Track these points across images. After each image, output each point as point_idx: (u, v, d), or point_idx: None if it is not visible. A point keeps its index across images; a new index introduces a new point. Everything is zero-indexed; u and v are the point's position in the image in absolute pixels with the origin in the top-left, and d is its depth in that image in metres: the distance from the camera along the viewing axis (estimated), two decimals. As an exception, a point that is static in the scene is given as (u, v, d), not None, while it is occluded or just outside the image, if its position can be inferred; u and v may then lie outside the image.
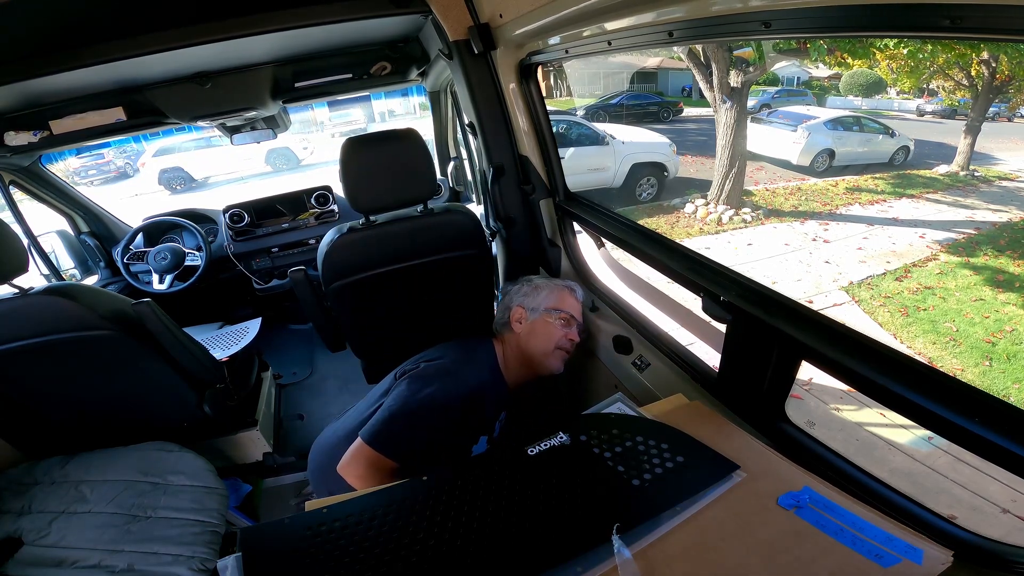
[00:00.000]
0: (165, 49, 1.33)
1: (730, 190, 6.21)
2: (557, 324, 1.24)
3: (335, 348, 1.67)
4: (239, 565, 0.63)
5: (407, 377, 1.13)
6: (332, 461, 1.16)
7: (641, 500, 0.70)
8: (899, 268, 4.81)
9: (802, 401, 3.04)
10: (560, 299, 1.28)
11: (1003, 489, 2.34)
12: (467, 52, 1.45)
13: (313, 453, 1.29)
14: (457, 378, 1.12)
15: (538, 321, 1.24)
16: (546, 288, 1.29)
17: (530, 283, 1.32)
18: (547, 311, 1.25)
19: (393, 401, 1.09)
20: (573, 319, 1.27)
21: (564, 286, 1.31)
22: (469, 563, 0.63)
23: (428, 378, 1.11)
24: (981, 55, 5.38)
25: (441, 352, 1.20)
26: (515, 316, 1.27)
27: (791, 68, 9.57)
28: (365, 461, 1.04)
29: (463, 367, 1.15)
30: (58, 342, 1.25)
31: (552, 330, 1.24)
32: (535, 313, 1.25)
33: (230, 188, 10.40)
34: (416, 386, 1.09)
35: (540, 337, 1.23)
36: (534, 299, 1.27)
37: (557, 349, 1.24)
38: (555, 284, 1.31)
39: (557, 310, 1.25)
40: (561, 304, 1.27)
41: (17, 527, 1.25)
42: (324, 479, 1.23)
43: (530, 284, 1.31)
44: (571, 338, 1.26)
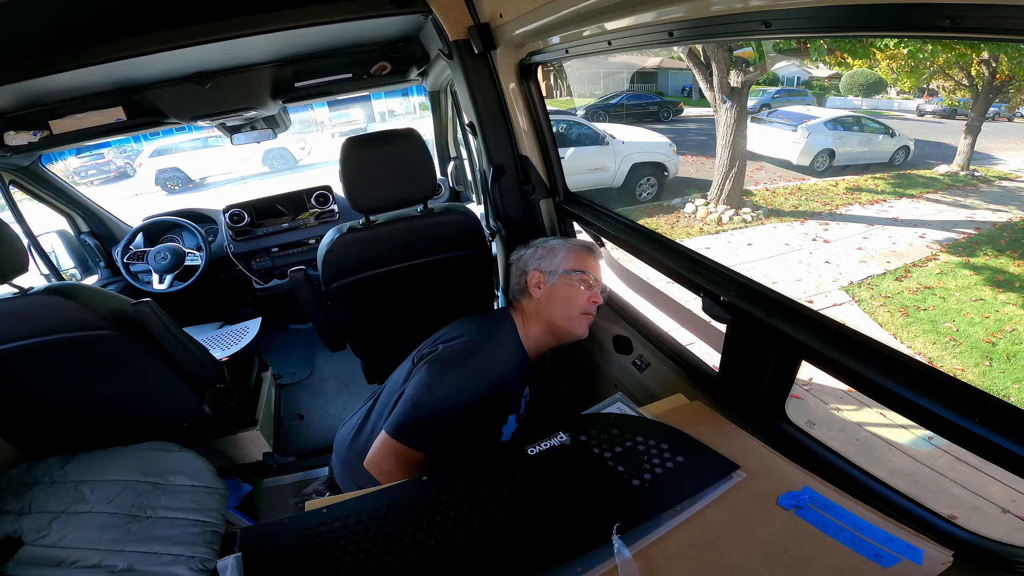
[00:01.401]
0: (165, 49, 1.33)
1: (730, 190, 6.21)
2: (579, 287, 1.14)
3: (335, 348, 1.67)
4: (239, 565, 0.63)
5: (426, 362, 1.07)
6: (357, 456, 1.13)
7: (641, 500, 0.70)
8: (899, 268, 4.81)
9: (802, 401, 3.04)
10: (579, 259, 1.17)
11: (1003, 489, 2.34)
12: (467, 52, 1.45)
13: (336, 450, 1.26)
14: (480, 360, 1.06)
15: (558, 285, 1.14)
16: (563, 249, 1.18)
17: (545, 245, 1.20)
18: (567, 273, 1.14)
19: (415, 389, 1.03)
20: (595, 280, 1.17)
21: (582, 245, 1.21)
22: (469, 563, 0.63)
23: (448, 362, 1.05)
24: (981, 55, 5.37)
25: (460, 330, 1.13)
26: (532, 281, 1.16)
27: (791, 68, 9.56)
28: (392, 455, 1.01)
29: (485, 346, 1.08)
30: (58, 342, 1.25)
31: (574, 294, 1.14)
32: (554, 276, 1.15)
33: (227, 188, 10.39)
34: (437, 371, 1.04)
35: (561, 302, 1.14)
36: (551, 261, 1.16)
37: (582, 315, 1.15)
38: (572, 243, 1.21)
39: (577, 271, 1.15)
40: (581, 264, 1.16)
41: (17, 527, 1.25)
42: (351, 475, 1.20)
43: (546, 246, 1.20)
44: (595, 300, 1.16)
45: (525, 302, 1.19)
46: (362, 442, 1.16)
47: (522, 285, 1.19)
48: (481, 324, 1.15)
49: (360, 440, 1.18)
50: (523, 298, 1.19)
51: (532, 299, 1.17)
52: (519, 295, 1.20)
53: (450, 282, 1.52)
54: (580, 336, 1.17)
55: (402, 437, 1.00)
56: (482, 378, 1.04)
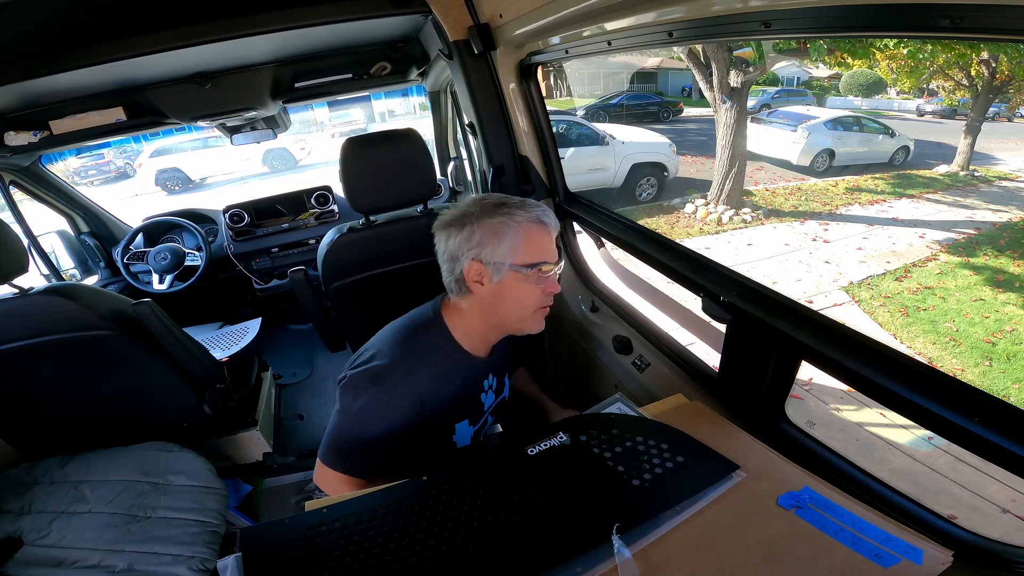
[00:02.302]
0: (165, 49, 1.33)
1: (730, 190, 6.21)
2: (532, 282, 0.91)
3: (335, 348, 1.67)
4: (239, 565, 0.63)
5: (339, 387, 0.94)
6: None
7: (641, 500, 0.70)
8: (899, 268, 4.82)
9: (802, 401, 3.04)
10: (530, 244, 0.90)
11: (1003, 489, 2.34)
12: (467, 52, 1.45)
13: None
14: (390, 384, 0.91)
15: (506, 281, 0.91)
16: (509, 232, 0.89)
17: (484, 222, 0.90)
18: (515, 268, 0.89)
19: (333, 417, 0.95)
20: (551, 268, 0.93)
21: (529, 220, 0.91)
22: (469, 563, 0.63)
23: (357, 389, 0.92)
24: (981, 55, 5.38)
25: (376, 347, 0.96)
26: (471, 275, 0.91)
27: (791, 68, 9.57)
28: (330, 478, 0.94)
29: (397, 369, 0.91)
30: (58, 342, 1.25)
31: (527, 291, 0.92)
32: (500, 271, 0.90)
33: (227, 189, 10.40)
34: (347, 399, 0.92)
35: (511, 301, 0.93)
36: (494, 250, 0.89)
37: (537, 311, 0.95)
38: (517, 219, 0.90)
39: (530, 265, 0.90)
40: (533, 252, 0.91)
41: (17, 527, 1.25)
42: None
43: (483, 225, 0.90)
44: (550, 291, 0.95)
45: (465, 299, 0.96)
46: None
47: (457, 276, 0.94)
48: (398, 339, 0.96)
49: None
50: (460, 292, 0.96)
51: (473, 295, 0.94)
52: (454, 287, 0.96)
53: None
54: (535, 332, 0.99)
55: (331, 463, 0.94)
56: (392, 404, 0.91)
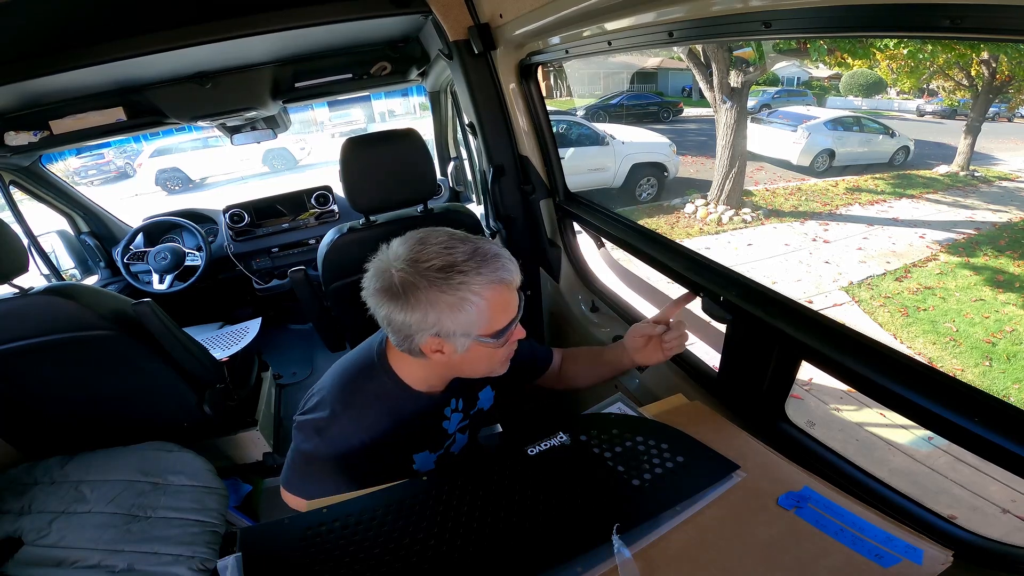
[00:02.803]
0: (165, 49, 1.33)
1: (730, 190, 6.21)
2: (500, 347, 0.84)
3: (335, 348, 1.67)
4: (239, 565, 0.63)
5: (294, 427, 0.92)
6: None
7: (641, 500, 0.70)
8: (899, 268, 4.82)
9: (802, 401, 3.04)
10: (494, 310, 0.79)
11: (1003, 489, 2.34)
12: (467, 52, 1.45)
13: None
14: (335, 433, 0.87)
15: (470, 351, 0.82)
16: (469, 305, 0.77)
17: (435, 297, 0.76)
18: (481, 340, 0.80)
19: (289, 451, 0.94)
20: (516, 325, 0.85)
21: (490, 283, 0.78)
22: (469, 563, 0.63)
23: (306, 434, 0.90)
24: (981, 55, 5.38)
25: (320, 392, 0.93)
26: (430, 347, 0.81)
27: (791, 68, 9.57)
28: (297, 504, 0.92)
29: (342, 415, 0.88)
30: (58, 342, 1.25)
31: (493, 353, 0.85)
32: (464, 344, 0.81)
33: (227, 188, 10.41)
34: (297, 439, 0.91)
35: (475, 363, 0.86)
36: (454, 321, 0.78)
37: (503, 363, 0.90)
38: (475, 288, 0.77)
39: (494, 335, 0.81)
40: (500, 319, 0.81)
41: (17, 527, 1.25)
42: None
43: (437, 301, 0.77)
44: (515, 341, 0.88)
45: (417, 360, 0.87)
46: None
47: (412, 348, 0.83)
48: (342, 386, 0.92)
49: None
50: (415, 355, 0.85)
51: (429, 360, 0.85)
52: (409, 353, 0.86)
53: None
54: (498, 374, 0.93)
55: (289, 488, 0.93)
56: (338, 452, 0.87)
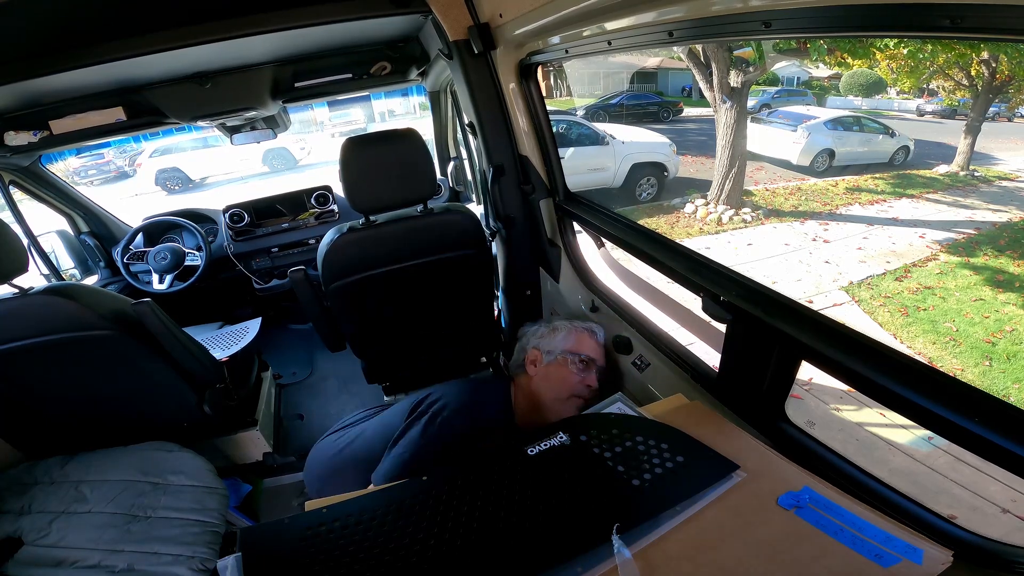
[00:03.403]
0: (165, 49, 1.33)
1: (730, 190, 6.21)
2: (574, 369, 1.15)
3: (335, 348, 1.67)
4: (239, 565, 0.63)
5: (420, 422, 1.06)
6: (331, 473, 1.19)
7: (641, 500, 0.70)
8: (899, 268, 4.81)
9: (802, 401, 3.04)
10: (579, 342, 1.19)
11: (1003, 489, 2.34)
12: (467, 52, 1.45)
13: (312, 461, 1.29)
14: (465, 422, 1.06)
15: (553, 365, 1.16)
16: (564, 329, 1.21)
17: (548, 324, 1.24)
18: (564, 354, 1.16)
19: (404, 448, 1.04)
20: (593, 362, 1.18)
21: (584, 328, 1.23)
22: (469, 563, 0.63)
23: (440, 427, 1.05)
24: (981, 55, 5.38)
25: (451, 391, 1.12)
26: (530, 358, 1.20)
27: (791, 68, 9.56)
28: None
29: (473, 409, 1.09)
30: (58, 342, 1.25)
31: (568, 375, 1.15)
32: (551, 356, 1.17)
33: (227, 188, 10.40)
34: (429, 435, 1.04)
35: (554, 382, 1.15)
36: (551, 341, 1.19)
37: (572, 397, 1.15)
38: (575, 325, 1.23)
39: (575, 353, 1.16)
40: (579, 347, 1.18)
41: (17, 527, 1.25)
42: (320, 489, 1.24)
43: (548, 325, 1.23)
44: (589, 384, 1.16)
45: (521, 378, 1.21)
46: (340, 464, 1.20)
47: (520, 361, 1.22)
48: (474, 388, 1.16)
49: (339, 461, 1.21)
50: (520, 373, 1.22)
51: (527, 376, 1.19)
52: (517, 370, 1.23)
53: (450, 282, 1.52)
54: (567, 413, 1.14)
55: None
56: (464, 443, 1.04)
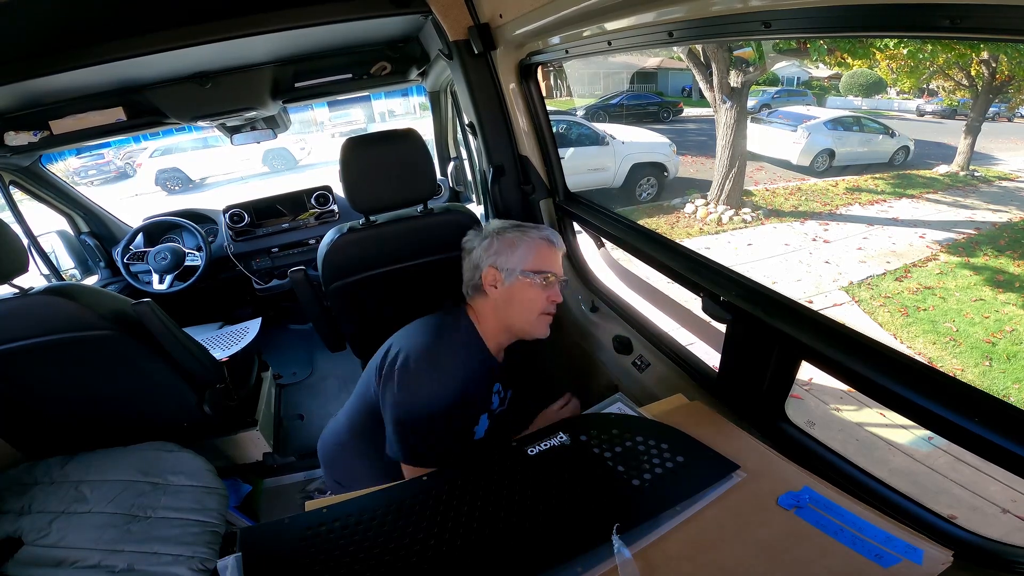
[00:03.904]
0: (165, 49, 1.33)
1: (730, 190, 6.21)
2: (538, 287, 1.07)
3: (335, 348, 1.67)
4: (239, 565, 0.63)
5: (392, 379, 1.03)
6: (337, 452, 1.23)
7: (641, 500, 0.70)
8: (899, 268, 4.81)
9: (802, 401, 3.04)
10: (539, 256, 1.08)
11: (1003, 489, 2.34)
12: (467, 52, 1.45)
13: (321, 449, 1.32)
14: (440, 369, 1.02)
15: (516, 285, 1.07)
16: (522, 244, 1.09)
17: (501, 237, 1.10)
18: (525, 273, 1.07)
19: (395, 411, 1.02)
20: (556, 276, 1.10)
21: (541, 238, 1.11)
22: (469, 563, 0.63)
23: (413, 375, 1.01)
24: (981, 55, 5.37)
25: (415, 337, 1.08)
26: (488, 279, 1.09)
27: (791, 68, 9.56)
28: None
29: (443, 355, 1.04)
30: (58, 342, 1.25)
31: (533, 295, 1.07)
32: (511, 276, 1.07)
33: (227, 188, 10.41)
34: (410, 387, 1.01)
35: (519, 304, 1.08)
36: (508, 258, 1.08)
37: (542, 315, 1.10)
38: (531, 236, 1.10)
39: (537, 272, 1.07)
40: (541, 262, 1.08)
41: (17, 527, 1.25)
42: (331, 471, 1.28)
43: (501, 239, 1.10)
44: (554, 299, 1.10)
45: (480, 300, 1.12)
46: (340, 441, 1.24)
47: (476, 281, 1.12)
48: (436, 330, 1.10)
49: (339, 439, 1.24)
50: (477, 295, 1.13)
51: (488, 298, 1.11)
52: (473, 292, 1.13)
53: (450, 282, 1.52)
54: (541, 336, 1.13)
55: (417, 461, 1.00)
56: (445, 387, 1.02)
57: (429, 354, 1.03)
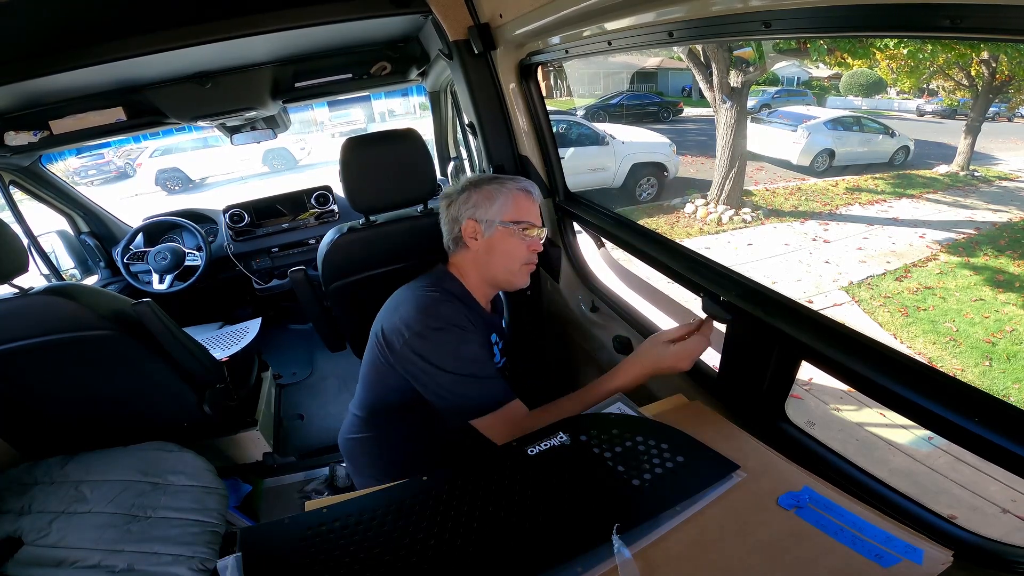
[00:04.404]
0: (165, 49, 1.33)
1: (730, 190, 6.21)
2: (518, 237, 1.08)
3: (335, 348, 1.67)
4: (239, 565, 0.63)
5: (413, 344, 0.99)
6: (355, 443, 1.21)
7: (641, 500, 0.70)
8: (899, 268, 4.81)
9: (802, 401, 3.04)
10: (517, 207, 1.09)
11: (1003, 489, 2.34)
12: (467, 52, 1.45)
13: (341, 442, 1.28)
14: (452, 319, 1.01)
15: (496, 236, 1.08)
16: (500, 195, 1.09)
17: (478, 189, 1.10)
18: (504, 224, 1.07)
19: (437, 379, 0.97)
20: (535, 228, 1.11)
21: (519, 188, 1.11)
22: (469, 563, 0.63)
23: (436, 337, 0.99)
24: (981, 55, 5.38)
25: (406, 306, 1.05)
26: (468, 231, 1.09)
27: (791, 68, 9.56)
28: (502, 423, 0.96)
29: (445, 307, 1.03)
30: (58, 342, 1.25)
31: (514, 245, 1.08)
32: (491, 227, 1.08)
33: (227, 188, 10.41)
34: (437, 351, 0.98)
35: (501, 255, 1.09)
36: (487, 210, 1.08)
37: (524, 265, 1.11)
38: (508, 187, 1.10)
39: (516, 222, 1.08)
40: (520, 212, 1.09)
41: (17, 527, 1.25)
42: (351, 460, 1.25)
43: (479, 191, 1.10)
44: (534, 248, 1.11)
45: (461, 254, 1.12)
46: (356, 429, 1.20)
47: (456, 234, 1.11)
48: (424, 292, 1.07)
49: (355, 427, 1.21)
50: (459, 249, 1.13)
51: (469, 250, 1.11)
52: (453, 245, 1.13)
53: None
54: (522, 286, 1.14)
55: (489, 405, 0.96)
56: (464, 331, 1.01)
57: (431, 315, 1.01)
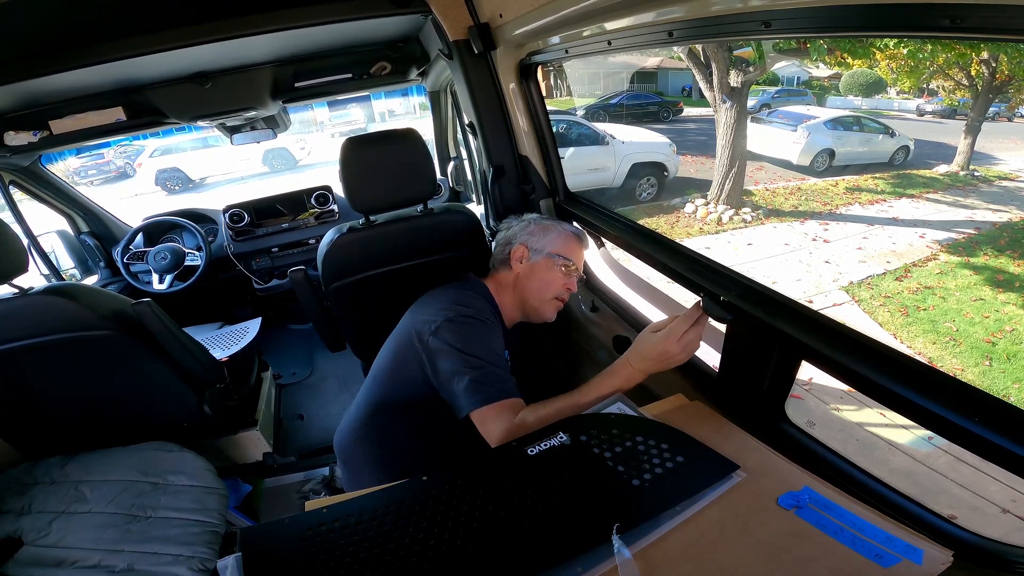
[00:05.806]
0: (165, 49, 1.33)
1: (730, 190, 6.21)
2: (559, 271, 1.17)
3: (335, 348, 1.67)
4: (239, 565, 0.63)
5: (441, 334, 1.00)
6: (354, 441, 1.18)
7: (641, 500, 0.70)
8: (899, 268, 4.81)
9: (802, 401, 3.04)
10: (567, 245, 1.19)
11: (1003, 489, 2.34)
12: (467, 52, 1.45)
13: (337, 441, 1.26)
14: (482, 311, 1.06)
15: (540, 264, 1.16)
16: (554, 231, 1.20)
17: (539, 222, 1.21)
18: (551, 256, 1.16)
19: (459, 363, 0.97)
20: (576, 269, 1.19)
21: (572, 232, 1.22)
22: (469, 563, 0.63)
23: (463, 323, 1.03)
24: (981, 55, 5.37)
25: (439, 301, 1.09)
26: (516, 254, 1.18)
27: (791, 68, 9.55)
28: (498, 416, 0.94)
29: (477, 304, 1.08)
30: (58, 342, 1.25)
31: (553, 276, 1.16)
32: (538, 255, 1.17)
33: (227, 188, 10.40)
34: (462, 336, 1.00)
35: (539, 282, 1.16)
36: (540, 239, 1.18)
37: (554, 299, 1.18)
38: (564, 228, 1.21)
39: (562, 256, 1.17)
40: (567, 251, 1.18)
41: (17, 527, 1.25)
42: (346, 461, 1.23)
43: (538, 223, 1.21)
44: (570, 288, 1.19)
45: (503, 273, 1.20)
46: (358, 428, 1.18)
47: (504, 255, 1.20)
48: (457, 291, 1.13)
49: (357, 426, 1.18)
50: (502, 268, 1.20)
51: (511, 271, 1.18)
52: (499, 265, 1.21)
53: (450, 282, 1.52)
54: (547, 320, 1.20)
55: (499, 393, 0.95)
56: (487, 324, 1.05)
57: (464, 306, 1.06)
